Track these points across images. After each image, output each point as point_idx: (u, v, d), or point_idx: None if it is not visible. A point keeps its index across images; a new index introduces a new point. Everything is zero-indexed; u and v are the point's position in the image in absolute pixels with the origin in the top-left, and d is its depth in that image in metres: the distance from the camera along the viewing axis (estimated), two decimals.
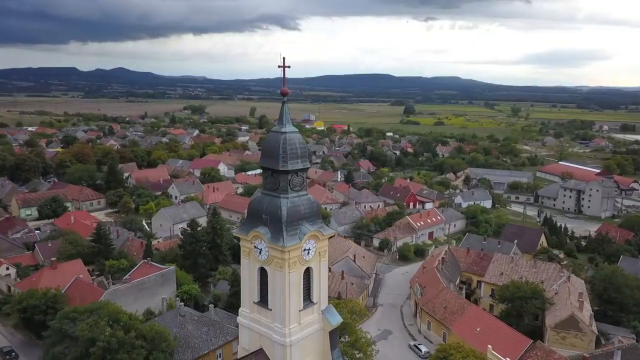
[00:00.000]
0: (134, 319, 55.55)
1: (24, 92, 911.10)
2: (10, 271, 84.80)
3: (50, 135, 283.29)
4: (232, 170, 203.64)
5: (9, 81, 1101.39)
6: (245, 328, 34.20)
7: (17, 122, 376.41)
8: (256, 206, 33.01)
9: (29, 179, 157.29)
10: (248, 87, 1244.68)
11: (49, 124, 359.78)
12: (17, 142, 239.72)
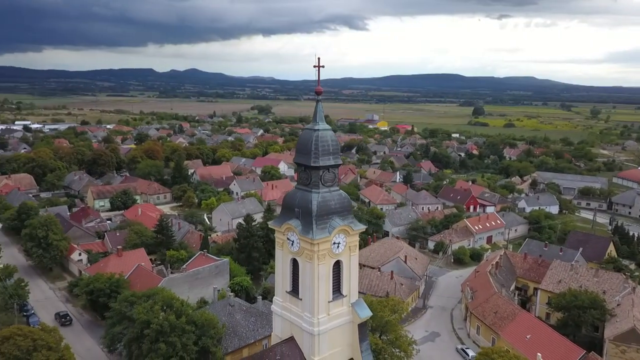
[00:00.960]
0: (185, 305, 58.86)
1: (105, 91, 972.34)
2: (82, 257, 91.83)
3: (125, 132, 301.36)
4: (292, 169, 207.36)
5: (93, 81, 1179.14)
6: (278, 316, 35.69)
7: (98, 120, 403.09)
8: (289, 200, 34.42)
9: (104, 172, 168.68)
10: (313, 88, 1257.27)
11: (125, 122, 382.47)
12: (96, 139, 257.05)
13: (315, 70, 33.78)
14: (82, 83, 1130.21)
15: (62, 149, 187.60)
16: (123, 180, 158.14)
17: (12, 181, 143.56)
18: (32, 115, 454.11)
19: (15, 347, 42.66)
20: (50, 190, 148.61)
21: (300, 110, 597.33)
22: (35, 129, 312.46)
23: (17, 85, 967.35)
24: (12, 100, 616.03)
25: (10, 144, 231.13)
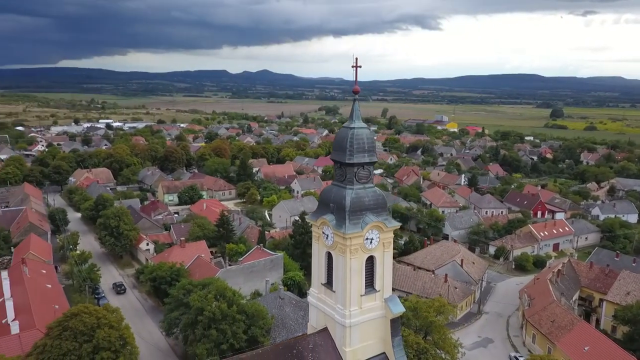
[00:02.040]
0: (237, 295, 61.58)
1: (181, 92, 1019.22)
2: (149, 247, 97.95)
3: (197, 131, 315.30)
4: None
5: (171, 83, 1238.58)
6: (313, 307, 36.97)
7: (173, 119, 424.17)
8: (325, 195, 35.57)
9: (174, 169, 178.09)
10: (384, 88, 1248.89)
11: (198, 121, 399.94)
12: (170, 137, 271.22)
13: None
14: (161, 84, 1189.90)
15: (138, 146, 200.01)
16: (192, 176, 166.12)
17: (92, 175, 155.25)
18: (115, 114, 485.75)
19: (81, 323, 46.88)
20: (125, 184, 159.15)
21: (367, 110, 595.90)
22: (116, 127, 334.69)
23: (103, 86, 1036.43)
24: (98, 100, 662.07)
25: (93, 140, 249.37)
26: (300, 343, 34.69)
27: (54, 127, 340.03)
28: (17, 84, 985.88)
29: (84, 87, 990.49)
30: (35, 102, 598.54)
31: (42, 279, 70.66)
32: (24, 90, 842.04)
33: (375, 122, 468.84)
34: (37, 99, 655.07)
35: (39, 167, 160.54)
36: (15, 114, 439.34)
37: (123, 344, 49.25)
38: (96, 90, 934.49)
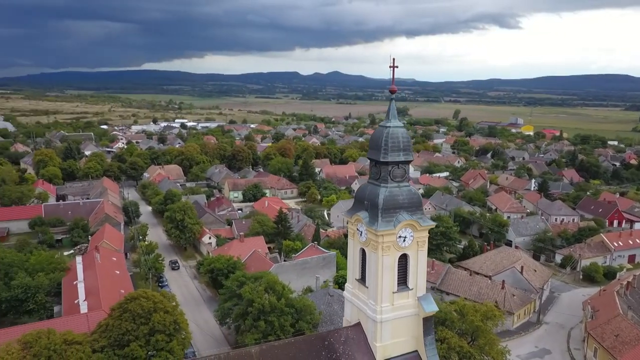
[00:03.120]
0: (286, 289, 63.48)
1: (254, 93, 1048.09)
2: (211, 240, 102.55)
3: (265, 131, 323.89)
4: (418, 171, 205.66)
5: (244, 84, 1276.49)
6: (348, 302, 37.87)
7: (243, 119, 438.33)
8: (360, 193, 36.36)
9: (241, 167, 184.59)
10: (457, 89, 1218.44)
11: (267, 122, 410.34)
12: (239, 137, 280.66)
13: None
14: (235, 86, 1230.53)
15: (208, 145, 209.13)
16: (257, 174, 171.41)
17: (164, 171, 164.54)
18: (190, 114, 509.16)
19: (139, 306, 50.52)
20: (194, 180, 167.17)
21: (438, 112, 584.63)
22: (190, 127, 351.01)
23: (182, 88, 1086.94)
24: (176, 101, 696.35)
25: (168, 139, 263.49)
26: (332, 335, 35.69)
27: (134, 126, 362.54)
28: (105, 85, 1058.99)
29: (164, 88, 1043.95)
30: (119, 103, 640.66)
31: (112, 265, 76.37)
32: (111, 91, 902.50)
33: (445, 124, 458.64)
34: (121, 99, 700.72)
35: (117, 163, 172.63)
36: (101, 113, 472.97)
37: (177, 329, 52.32)
38: (175, 91, 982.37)
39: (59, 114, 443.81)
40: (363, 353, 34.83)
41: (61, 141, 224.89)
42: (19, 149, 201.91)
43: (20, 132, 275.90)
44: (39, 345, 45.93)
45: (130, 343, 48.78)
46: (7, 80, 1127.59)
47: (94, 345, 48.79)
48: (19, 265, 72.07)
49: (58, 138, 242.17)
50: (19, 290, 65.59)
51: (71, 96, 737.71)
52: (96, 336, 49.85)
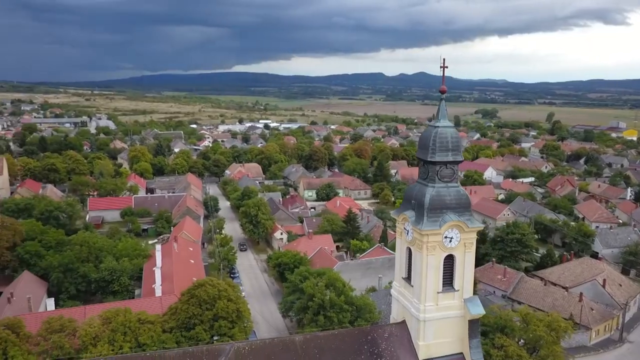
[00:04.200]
0: (347, 287, 64.68)
1: (337, 95, 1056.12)
2: (283, 236, 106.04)
3: (345, 133, 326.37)
4: (501, 175, 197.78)
5: (328, 86, 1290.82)
6: (395, 300, 38.34)
7: (325, 120, 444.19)
8: (408, 192, 36.69)
9: (317, 167, 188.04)
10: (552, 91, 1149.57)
11: (348, 123, 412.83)
12: (318, 137, 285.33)
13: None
14: (320, 87, 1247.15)
15: (287, 145, 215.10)
16: (331, 175, 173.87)
17: (244, 169, 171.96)
18: (274, 115, 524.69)
19: (205, 292, 54.08)
20: (272, 178, 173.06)
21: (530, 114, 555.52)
22: (273, 127, 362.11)
23: (268, 89, 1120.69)
24: (262, 102, 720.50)
25: (251, 138, 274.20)
26: (376, 331, 36.34)
27: (221, 125, 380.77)
28: (197, 87, 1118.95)
29: (252, 89, 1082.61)
30: (209, 103, 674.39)
31: (188, 255, 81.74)
32: (202, 92, 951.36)
33: (536, 127, 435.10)
34: (211, 100, 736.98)
35: (201, 160, 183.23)
36: (192, 113, 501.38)
37: (239, 316, 55.31)
38: (262, 93, 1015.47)
39: (155, 114, 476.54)
40: (406, 351, 35.16)
41: (154, 139, 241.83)
42: (117, 146, 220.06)
43: (120, 130, 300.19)
44: (116, 322, 50.75)
45: (196, 326, 52.40)
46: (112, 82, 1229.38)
47: (164, 325, 52.96)
48: (108, 250, 79.38)
49: (152, 136, 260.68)
50: (106, 272, 72.30)
51: (167, 97, 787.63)
52: (166, 318, 54.04)
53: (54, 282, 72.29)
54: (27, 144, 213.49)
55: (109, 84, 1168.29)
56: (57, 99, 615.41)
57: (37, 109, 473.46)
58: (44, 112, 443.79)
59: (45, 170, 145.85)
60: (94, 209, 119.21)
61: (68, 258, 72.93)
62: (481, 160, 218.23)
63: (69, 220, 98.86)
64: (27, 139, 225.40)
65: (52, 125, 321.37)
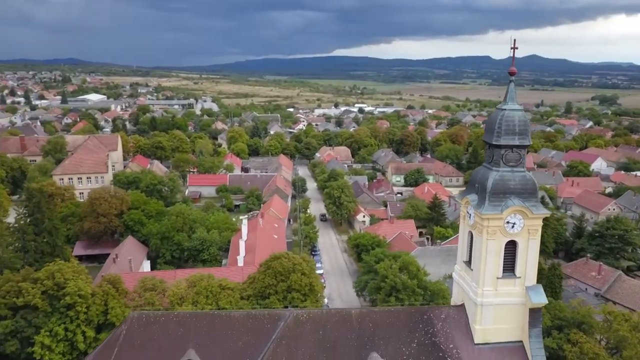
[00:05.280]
0: (420, 271, 64.83)
1: (439, 79, 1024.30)
2: (365, 219, 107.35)
3: (442, 118, 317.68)
4: (612, 167, 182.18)
5: (430, 69, 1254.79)
6: (456, 283, 38.24)
7: (422, 105, 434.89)
8: (473, 176, 36.18)
9: (408, 152, 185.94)
10: None
11: (447, 108, 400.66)
12: (413, 122, 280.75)
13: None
14: (421, 71, 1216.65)
15: (378, 129, 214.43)
16: (422, 160, 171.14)
17: (334, 152, 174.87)
18: (371, 99, 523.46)
19: (280, 265, 57.17)
20: (361, 162, 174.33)
21: None
22: (367, 111, 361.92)
23: (367, 73, 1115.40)
24: (360, 86, 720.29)
25: (344, 122, 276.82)
26: (433, 311, 36.59)
27: (317, 109, 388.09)
28: (297, 71, 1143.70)
29: (351, 74, 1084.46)
30: (307, 88, 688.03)
31: (272, 230, 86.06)
32: (302, 76, 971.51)
33: None
34: (310, 84, 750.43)
35: (294, 142, 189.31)
36: (290, 97, 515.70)
37: (311, 290, 57.80)
38: (361, 77, 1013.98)
39: (256, 97, 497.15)
40: (462, 333, 35.12)
41: (252, 121, 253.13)
42: (218, 127, 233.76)
43: (222, 112, 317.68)
44: (200, 286, 55.54)
45: (270, 296, 55.74)
46: (218, 67, 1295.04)
47: (242, 293, 56.97)
48: (201, 222, 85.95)
49: (250, 118, 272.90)
50: (197, 242, 78.59)
51: (268, 81, 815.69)
52: (245, 286, 58.02)
53: (152, 248, 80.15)
54: (140, 123, 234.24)
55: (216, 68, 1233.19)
56: (169, 83, 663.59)
57: (152, 91, 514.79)
58: (157, 94, 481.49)
59: (153, 148, 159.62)
60: (193, 184, 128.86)
61: (165, 227, 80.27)
62: (590, 150, 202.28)
63: (170, 194, 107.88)
64: (140, 118, 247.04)
65: (163, 106, 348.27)
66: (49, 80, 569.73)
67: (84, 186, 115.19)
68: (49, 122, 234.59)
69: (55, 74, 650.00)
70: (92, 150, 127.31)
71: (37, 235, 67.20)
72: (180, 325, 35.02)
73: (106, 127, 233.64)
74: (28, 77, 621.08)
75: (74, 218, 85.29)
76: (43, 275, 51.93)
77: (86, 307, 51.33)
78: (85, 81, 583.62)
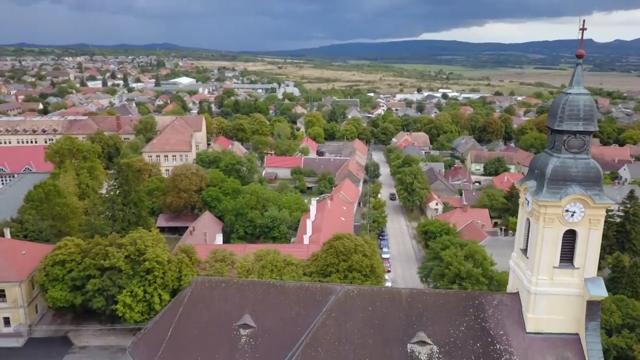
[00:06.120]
0: (487, 260, 63.50)
1: (533, 64, 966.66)
2: (438, 206, 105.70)
3: (532, 105, 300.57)
4: None
5: (524, 54, 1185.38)
6: (512, 271, 37.55)
7: (511, 91, 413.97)
8: (534, 161, 35.12)
9: (490, 140, 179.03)
10: None
11: (538, 94, 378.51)
12: (500, 109, 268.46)
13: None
14: (513, 56, 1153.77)
15: (461, 115, 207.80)
16: (505, 149, 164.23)
17: (411, 138, 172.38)
18: (456, 84, 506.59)
19: (342, 245, 58.53)
20: (439, 149, 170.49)
21: None
22: (451, 97, 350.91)
23: (455, 58, 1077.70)
24: (445, 71, 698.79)
25: (426, 108, 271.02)
26: (485, 297, 36.25)
27: (398, 94, 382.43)
28: (382, 55, 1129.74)
29: (438, 58, 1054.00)
30: (391, 72, 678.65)
31: (340, 213, 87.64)
32: (387, 61, 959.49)
33: None
34: (394, 69, 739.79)
35: (370, 127, 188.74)
36: (372, 82, 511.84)
37: (372, 271, 58.76)
38: (448, 61, 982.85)
39: (338, 82, 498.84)
40: (513, 320, 34.59)
41: (331, 106, 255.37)
42: (298, 111, 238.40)
43: (303, 97, 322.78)
44: (266, 260, 58.51)
45: (332, 274, 57.49)
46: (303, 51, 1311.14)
47: (305, 269, 59.24)
48: (273, 201, 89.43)
49: (329, 103, 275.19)
50: (269, 219, 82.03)
51: (351, 65, 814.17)
52: (308, 263, 60.21)
53: (227, 223, 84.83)
54: (224, 106, 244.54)
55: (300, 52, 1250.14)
56: (254, 67, 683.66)
57: (237, 75, 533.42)
58: (242, 78, 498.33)
59: (235, 130, 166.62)
60: (269, 165, 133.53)
61: (240, 204, 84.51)
62: None
63: (247, 174, 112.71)
64: (224, 101, 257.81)
65: (247, 90, 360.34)
66: (145, 65, 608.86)
67: (170, 163, 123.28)
68: (142, 103, 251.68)
69: (151, 58, 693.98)
70: (178, 130, 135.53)
71: (124, 206, 73.67)
72: (238, 292, 37.61)
73: (193, 109, 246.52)
74: (127, 61, 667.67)
75: (159, 192, 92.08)
76: (127, 241, 57.30)
77: (162, 273, 56.09)
78: (177, 65, 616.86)
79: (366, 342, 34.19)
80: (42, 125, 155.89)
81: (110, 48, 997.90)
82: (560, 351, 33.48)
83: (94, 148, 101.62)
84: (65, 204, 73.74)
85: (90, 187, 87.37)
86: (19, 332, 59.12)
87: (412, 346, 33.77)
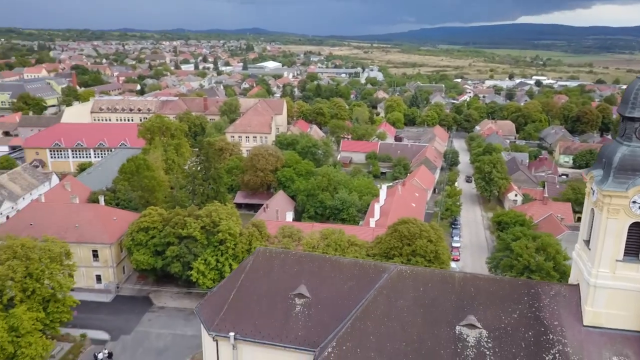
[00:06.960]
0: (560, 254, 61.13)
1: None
2: (517, 198, 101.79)
3: None
4: None
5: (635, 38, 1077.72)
6: (574, 262, 36.26)
7: (616, 79, 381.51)
8: (602, 150, 33.51)
9: (584, 131, 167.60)
10: None
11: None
12: (599, 98, 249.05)
13: None
14: (622, 40, 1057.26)
15: (553, 104, 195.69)
16: (600, 141, 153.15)
17: (495, 126, 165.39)
18: (554, 71, 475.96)
19: (407, 229, 58.60)
20: (525, 139, 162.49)
21: None
22: (545, 85, 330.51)
23: (555, 43, 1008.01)
24: (543, 57, 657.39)
25: (516, 95, 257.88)
26: (542, 286, 35.45)
27: (488, 80, 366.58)
28: (474, 40, 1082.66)
29: (535, 43, 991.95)
30: (482, 57, 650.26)
31: (411, 199, 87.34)
32: (478, 46, 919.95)
33: None
34: (485, 54, 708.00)
35: (453, 114, 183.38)
36: (460, 67, 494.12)
37: (436, 257, 58.56)
38: (546, 46, 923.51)
39: (424, 67, 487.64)
40: (570, 312, 33.62)
41: (414, 91, 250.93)
42: (380, 96, 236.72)
43: (386, 82, 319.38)
44: (330, 239, 60.30)
45: (394, 257, 58.01)
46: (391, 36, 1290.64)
47: (368, 251, 60.32)
48: (345, 185, 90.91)
49: (413, 88, 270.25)
50: (339, 202, 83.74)
51: (440, 50, 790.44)
52: (372, 245, 61.22)
53: (299, 203, 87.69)
54: (306, 90, 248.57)
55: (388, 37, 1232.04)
56: (340, 52, 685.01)
57: (322, 60, 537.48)
58: (327, 63, 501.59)
59: (314, 113, 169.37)
60: (345, 150, 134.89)
61: (311, 185, 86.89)
62: None
63: (322, 157, 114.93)
64: (307, 85, 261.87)
65: (330, 74, 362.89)
66: (235, 49, 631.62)
67: (250, 144, 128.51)
68: (230, 86, 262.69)
69: (241, 42, 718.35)
70: (260, 112, 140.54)
71: (204, 181, 78.69)
72: (296, 263, 39.67)
73: (277, 93, 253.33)
74: (219, 45, 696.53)
75: (238, 171, 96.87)
76: (203, 213, 61.61)
77: (234, 244, 59.83)
78: (265, 49, 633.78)
79: (415, 320, 34.82)
80: (137, 104, 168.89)
81: (204, 32, 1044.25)
82: (619, 347, 32.21)
83: (181, 127, 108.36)
84: (153, 177, 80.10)
85: (175, 163, 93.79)
86: (109, 289, 65.93)
87: (460, 328, 33.94)
